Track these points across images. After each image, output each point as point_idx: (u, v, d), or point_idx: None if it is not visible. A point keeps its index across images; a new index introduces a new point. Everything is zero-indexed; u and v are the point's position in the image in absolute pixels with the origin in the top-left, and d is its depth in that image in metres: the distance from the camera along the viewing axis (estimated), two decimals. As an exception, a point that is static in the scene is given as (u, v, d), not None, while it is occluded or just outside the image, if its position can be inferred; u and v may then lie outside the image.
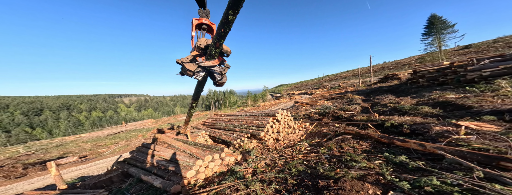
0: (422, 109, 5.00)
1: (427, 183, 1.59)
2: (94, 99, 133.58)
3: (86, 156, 13.48)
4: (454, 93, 6.23)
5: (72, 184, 4.90)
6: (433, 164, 2.10)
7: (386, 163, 2.32)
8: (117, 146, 15.56)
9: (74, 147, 17.59)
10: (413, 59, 52.94)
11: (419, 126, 3.51)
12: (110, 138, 20.67)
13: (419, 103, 6.22)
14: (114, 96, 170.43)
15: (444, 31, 38.45)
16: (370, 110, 6.99)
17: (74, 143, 20.29)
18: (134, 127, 28.54)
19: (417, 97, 7.39)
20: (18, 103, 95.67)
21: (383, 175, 2.00)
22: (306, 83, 69.83)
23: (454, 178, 1.59)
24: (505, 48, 29.59)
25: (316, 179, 2.27)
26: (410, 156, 2.40)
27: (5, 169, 9.84)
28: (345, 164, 2.56)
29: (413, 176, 1.86)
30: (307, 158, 3.06)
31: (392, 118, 4.58)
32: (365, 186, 1.92)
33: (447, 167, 1.94)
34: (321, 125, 5.77)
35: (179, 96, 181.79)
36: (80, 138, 23.91)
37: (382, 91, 12.57)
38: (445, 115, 4.18)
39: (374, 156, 2.62)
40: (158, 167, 3.66)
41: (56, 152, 16.16)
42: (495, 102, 4.11)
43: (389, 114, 5.75)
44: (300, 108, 13.01)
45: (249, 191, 2.22)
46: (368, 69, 31.16)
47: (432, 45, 40.55)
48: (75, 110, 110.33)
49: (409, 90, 9.91)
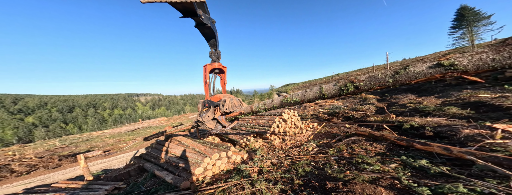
0: (449, 110, 4.49)
1: (452, 190, 1.41)
2: (115, 98, 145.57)
3: (109, 151, 14.75)
4: (490, 92, 5.49)
5: (97, 176, 5.39)
6: (460, 170, 1.86)
7: (404, 167, 2.13)
8: (134, 142, 16.75)
9: (99, 142, 19.37)
10: (438, 55, 47.89)
11: (445, 129, 3.15)
12: (129, 134, 22.32)
13: (446, 103, 5.60)
14: (132, 95, 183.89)
15: (477, 23, 34.11)
16: (386, 110, 6.49)
17: (99, 138, 22.35)
18: (149, 125, 30.43)
19: (443, 96, 6.67)
20: (54, 101, 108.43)
21: (399, 179, 1.84)
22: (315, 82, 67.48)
23: (486, 186, 1.39)
24: (557, 40, 25.27)
25: (323, 181, 2.18)
26: (433, 161, 2.16)
27: (44, 160, 11.23)
28: (356, 166, 2.42)
29: (435, 182, 1.67)
30: (314, 159, 2.95)
31: (412, 120, 4.19)
32: (377, 190, 1.78)
33: (477, 174, 1.71)
34: (330, 125, 5.52)
35: (189, 95, 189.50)
36: (104, 133, 26.25)
37: (401, 90, 11.60)
38: (477, 117, 3.70)
39: (389, 159, 2.42)
40: (170, 163, 3.85)
41: (85, 146, 17.95)
42: (541, 103, 3.51)
43: (409, 115, 5.27)
44: (307, 107, 12.62)
45: (254, 190, 2.21)
46: (384, 67, 28.99)
47: (463, 39, 36.24)
48: (100, 108, 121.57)
49: (433, 89, 9.00)
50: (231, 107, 2.49)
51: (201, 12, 2.31)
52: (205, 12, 2.41)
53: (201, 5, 2.31)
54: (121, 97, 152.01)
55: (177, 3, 1.90)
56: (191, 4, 2.00)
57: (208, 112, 2.53)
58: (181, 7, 2.03)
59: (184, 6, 2.00)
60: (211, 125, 2.56)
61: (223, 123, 2.51)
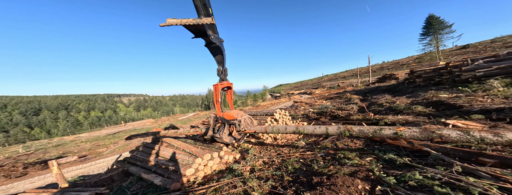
0: (415, 108, 5.13)
1: (411, 177, 1.70)
2: (92, 99, 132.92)
3: (85, 156, 13.53)
4: (448, 92, 6.38)
5: (73, 183, 4.98)
6: (419, 160, 2.22)
7: (377, 160, 2.44)
8: (116, 145, 15.62)
9: (73, 147, 17.61)
10: (411, 59, 53.29)
11: (411, 125, 3.64)
12: (109, 138, 20.67)
13: (414, 102, 6.36)
14: (113, 95, 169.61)
15: (441, 31, 38.72)
16: (366, 109, 7.12)
17: (73, 142, 20.29)
18: (133, 127, 28.53)
19: (413, 96, 7.53)
20: (16, 103, 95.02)
21: (373, 171, 2.12)
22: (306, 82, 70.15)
23: (435, 172, 1.71)
24: (501, 48, 29.86)
25: (310, 176, 2.38)
26: (399, 153, 2.52)
27: (5, 169, 9.88)
28: (338, 161, 2.67)
29: (399, 172, 1.97)
30: (303, 156, 3.16)
31: (386, 118, 4.71)
32: (355, 181, 2.03)
33: (431, 163, 2.06)
34: (319, 124, 5.89)
35: (179, 95, 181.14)
36: (79, 137, 23.88)
37: (380, 90, 12.72)
38: (436, 114, 4.31)
39: (366, 154, 2.74)
40: (158, 166, 3.76)
41: (55, 151, 16.17)
42: (484, 102, 4.25)
43: (384, 113, 5.88)
44: (299, 107, 13.12)
45: (246, 188, 2.32)
46: (367, 69, 31.42)
47: (430, 45, 40.83)
48: (73, 110, 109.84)
49: (406, 90, 10.06)
50: (245, 126, 2.98)
51: (210, 33, 2.54)
52: (214, 32, 2.67)
53: (211, 27, 2.54)
54: (99, 97, 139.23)
55: (191, 25, 2.14)
56: (202, 26, 2.22)
57: (224, 129, 3.02)
58: (194, 29, 2.29)
59: (196, 28, 2.25)
60: (227, 140, 3.05)
61: (236, 137, 3.03)
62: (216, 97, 2.98)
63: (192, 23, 2.08)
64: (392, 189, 1.70)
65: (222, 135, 2.98)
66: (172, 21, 1.99)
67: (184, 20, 2.05)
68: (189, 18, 2.08)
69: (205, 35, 2.46)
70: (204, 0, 2.14)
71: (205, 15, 2.24)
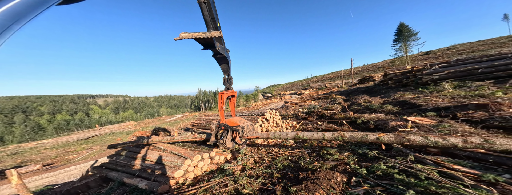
0: (386, 107, 5.82)
1: (378, 168, 2.01)
2: (59, 100, 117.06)
3: (51, 164, 12.00)
4: (412, 93, 7.34)
5: (39, 193, 4.44)
6: (386, 152, 2.59)
7: (353, 154, 2.76)
8: (90, 151, 14.16)
9: (35, 155, 15.42)
10: (386, 63, 59.13)
11: (381, 122, 4.15)
12: (81, 143, 18.61)
13: (386, 102, 7.17)
14: (85, 96, 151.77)
15: (409, 38, 43.81)
16: (347, 109, 7.78)
17: (34, 150, 17.72)
18: (111, 131, 26.07)
19: (385, 97, 8.47)
20: (-46, 105, 78.68)
21: (349, 164, 2.41)
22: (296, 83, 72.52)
23: (394, 162, 2.05)
24: (454, 55, 35.06)
25: (297, 172, 2.58)
26: (371, 148, 2.89)
27: None
28: (322, 157, 2.94)
29: (369, 164, 2.29)
30: (292, 154, 3.35)
31: (363, 116, 5.25)
32: (335, 174, 2.29)
33: (394, 154, 2.44)
34: (307, 123, 6.25)
35: (165, 96, 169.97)
36: (42, 144, 20.93)
37: (360, 91, 13.90)
38: (401, 112, 4.98)
39: (345, 149, 3.07)
40: (144, 170, 3.61)
41: (12, 161, 13.99)
42: (437, 101, 5.05)
43: (362, 112, 6.52)
44: (289, 107, 13.57)
45: (237, 186, 2.42)
46: (350, 71, 33.96)
47: (400, 50, 45.86)
48: (34, 113, 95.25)
49: (380, 90, 11.20)
50: (248, 132, 3.18)
51: (218, 44, 2.76)
52: (221, 43, 2.89)
53: (218, 39, 2.75)
54: (68, 99, 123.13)
55: (201, 39, 2.37)
56: (211, 39, 2.47)
57: (228, 135, 3.23)
58: (203, 41, 2.53)
59: (205, 40, 2.48)
60: (229, 145, 3.21)
61: (239, 142, 3.25)
62: (221, 104, 3.12)
63: (202, 36, 2.32)
64: (364, 179, 1.98)
65: (225, 141, 3.12)
66: (185, 35, 2.24)
67: (195, 34, 2.30)
68: (200, 32, 2.36)
69: (213, 46, 2.69)
70: (213, 15, 2.35)
71: (214, 29, 2.47)
